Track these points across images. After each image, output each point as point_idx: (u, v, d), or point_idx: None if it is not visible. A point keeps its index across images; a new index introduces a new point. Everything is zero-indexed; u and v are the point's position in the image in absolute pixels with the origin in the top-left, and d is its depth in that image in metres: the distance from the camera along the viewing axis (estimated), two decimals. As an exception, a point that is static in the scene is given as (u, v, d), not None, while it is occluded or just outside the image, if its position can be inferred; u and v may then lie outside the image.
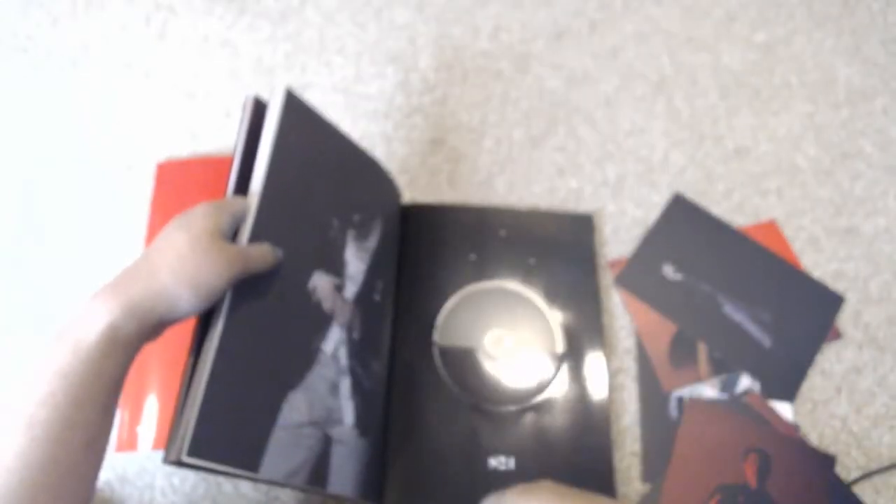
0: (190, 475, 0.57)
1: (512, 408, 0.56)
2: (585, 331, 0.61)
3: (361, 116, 0.74)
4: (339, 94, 0.75)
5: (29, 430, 0.33)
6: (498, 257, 0.63)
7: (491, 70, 0.78)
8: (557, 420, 0.56)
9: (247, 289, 0.42)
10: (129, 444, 0.56)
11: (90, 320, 0.35)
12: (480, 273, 0.62)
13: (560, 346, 0.59)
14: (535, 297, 0.62)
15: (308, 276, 0.48)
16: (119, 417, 0.58)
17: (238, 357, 0.41)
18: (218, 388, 0.39)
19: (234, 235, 0.44)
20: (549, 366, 0.59)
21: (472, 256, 0.63)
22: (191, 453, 0.36)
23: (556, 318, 0.61)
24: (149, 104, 0.74)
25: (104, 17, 0.79)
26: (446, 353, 0.58)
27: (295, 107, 0.50)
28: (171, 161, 0.70)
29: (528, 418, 0.56)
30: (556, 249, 0.64)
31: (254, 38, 0.78)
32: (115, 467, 0.57)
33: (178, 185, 0.68)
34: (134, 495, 0.56)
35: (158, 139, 0.72)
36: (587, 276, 0.63)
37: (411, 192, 0.70)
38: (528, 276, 0.62)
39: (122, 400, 0.58)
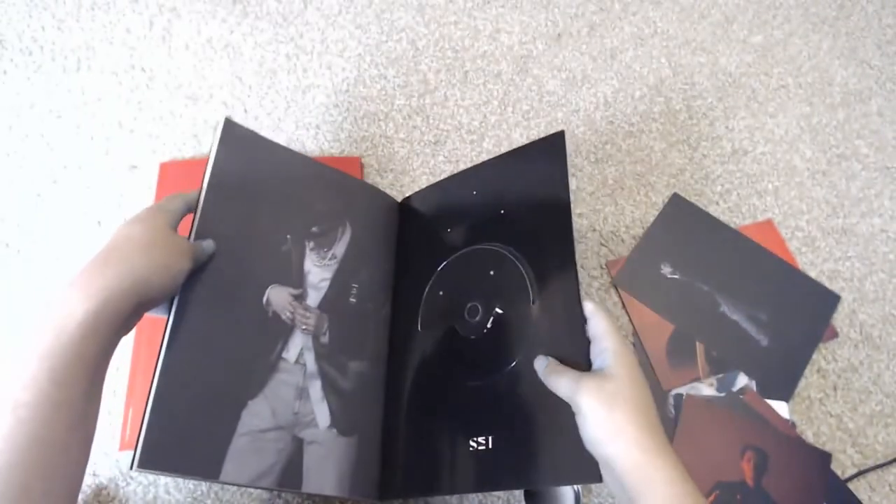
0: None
1: (496, 378, 0.51)
2: (558, 267, 0.52)
3: (363, 118, 0.75)
4: (340, 96, 0.76)
5: (13, 412, 0.34)
6: (470, 220, 0.59)
7: (491, 72, 0.79)
8: (540, 387, 0.48)
9: (191, 308, 0.45)
10: (134, 442, 0.57)
11: (69, 307, 0.37)
12: (456, 244, 0.59)
13: (532, 296, 0.52)
14: (504, 249, 0.56)
15: (262, 291, 0.50)
16: (124, 416, 0.59)
17: (184, 374, 0.43)
18: (165, 404, 0.41)
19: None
20: (525, 318, 0.52)
21: (448, 229, 0.60)
22: (141, 465, 0.39)
23: (526, 264, 0.54)
24: (152, 106, 0.75)
25: (108, 20, 0.80)
26: (430, 338, 0.57)
27: (235, 135, 0.53)
28: (174, 161, 0.71)
29: (512, 388, 0.50)
30: (525, 186, 0.57)
31: (256, 40, 0.79)
32: (120, 465, 0.58)
33: (180, 184, 0.68)
34: (138, 492, 0.57)
35: (162, 140, 0.73)
36: (558, 202, 0.53)
37: (412, 192, 0.71)
38: (498, 228, 0.57)
39: (128, 399, 0.59)
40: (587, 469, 0.42)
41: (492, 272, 0.56)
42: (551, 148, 0.57)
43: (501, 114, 0.76)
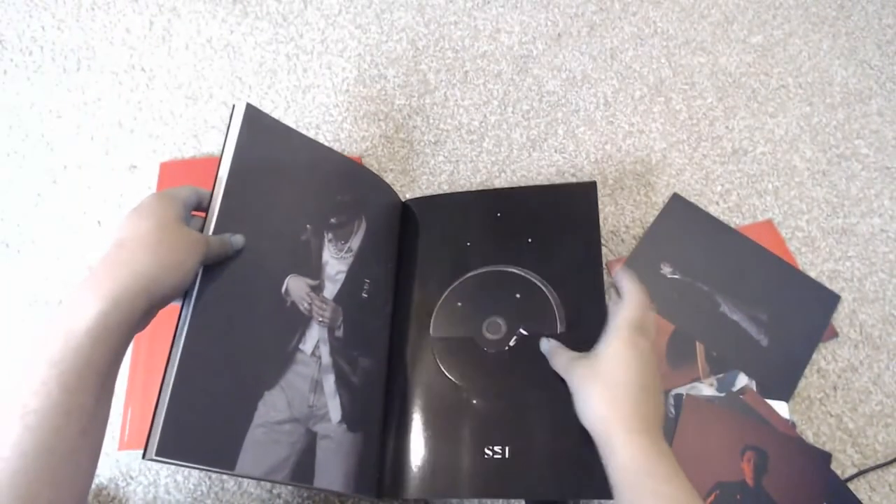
0: (193, 473, 0.58)
1: (518, 392, 0.54)
2: (588, 306, 0.56)
3: (363, 118, 0.75)
4: (340, 96, 0.76)
5: (22, 418, 0.33)
6: (494, 240, 0.61)
7: (491, 71, 0.79)
8: (557, 408, 0.51)
9: (211, 294, 0.44)
10: (134, 442, 0.57)
11: (79, 310, 0.36)
12: (477, 259, 0.60)
13: (560, 326, 0.56)
14: (533, 276, 0.58)
15: (281, 280, 0.50)
16: (124, 416, 0.59)
17: (204, 362, 0.42)
18: (184, 392, 0.41)
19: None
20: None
21: (468, 243, 0.61)
22: (159, 453, 0.38)
23: (555, 295, 0.57)
24: (152, 106, 0.75)
25: (108, 20, 0.80)
26: (443, 344, 0.57)
27: (256, 120, 0.52)
28: (174, 161, 0.71)
29: (535, 404, 0.53)
30: (555, 224, 0.61)
31: (256, 40, 0.79)
32: (119, 465, 0.58)
33: (180, 184, 0.68)
34: (139, 492, 0.57)
35: (162, 140, 0.73)
36: (589, 248, 0.58)
37: (412, 193, 0.71)
38: (525, 255, 0.59)
39: (128, 398, 0.59)
40: (603, 485, 0.44)
41: (518, 295, 0.58)
42: (583, 197, 0.61)
43: (501, 114, 0.76)
